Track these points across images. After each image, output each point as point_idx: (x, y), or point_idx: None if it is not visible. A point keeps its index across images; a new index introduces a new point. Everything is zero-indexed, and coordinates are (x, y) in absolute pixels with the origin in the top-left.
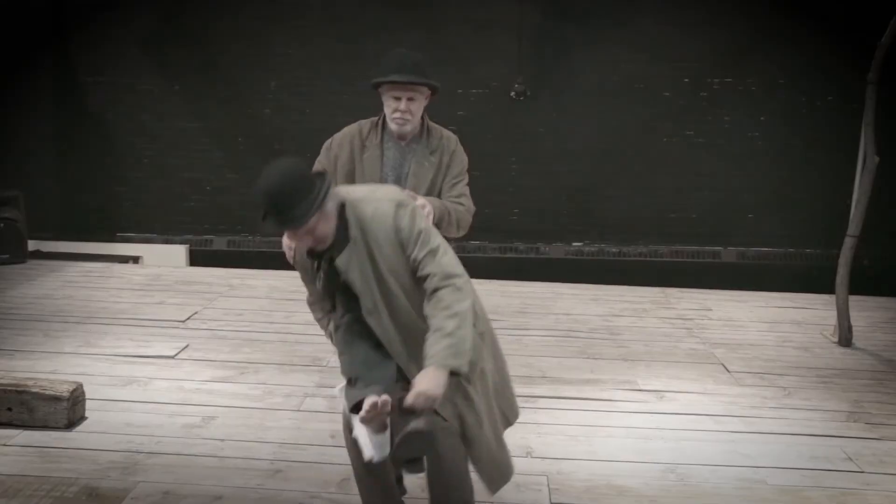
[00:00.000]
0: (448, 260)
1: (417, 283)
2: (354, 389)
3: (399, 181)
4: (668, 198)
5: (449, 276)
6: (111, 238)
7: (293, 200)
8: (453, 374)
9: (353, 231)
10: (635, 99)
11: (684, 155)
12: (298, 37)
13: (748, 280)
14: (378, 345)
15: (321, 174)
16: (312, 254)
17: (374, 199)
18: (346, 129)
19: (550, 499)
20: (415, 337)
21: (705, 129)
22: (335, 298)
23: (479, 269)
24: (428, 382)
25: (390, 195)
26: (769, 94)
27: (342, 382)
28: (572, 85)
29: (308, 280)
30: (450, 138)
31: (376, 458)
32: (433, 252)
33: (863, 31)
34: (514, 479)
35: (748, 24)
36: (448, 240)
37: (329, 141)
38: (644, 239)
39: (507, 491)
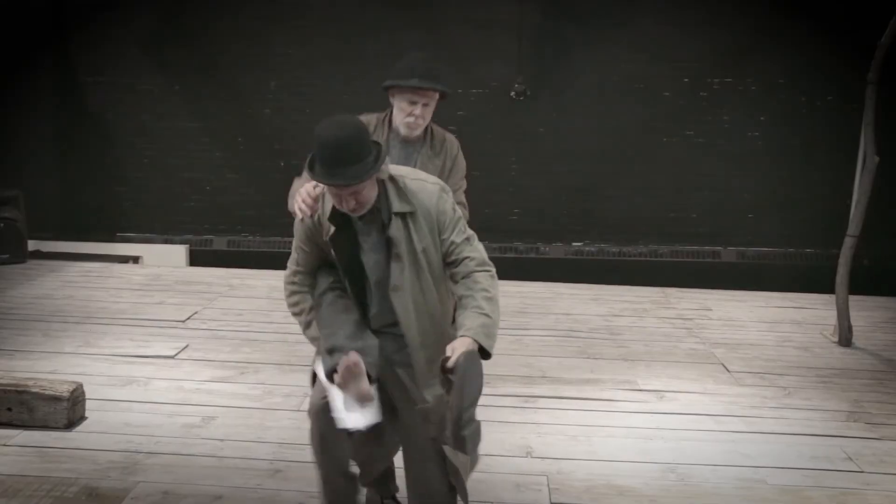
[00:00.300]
0: (483, 249)
1: (444, 269)
2: (330, 358)
3: None
4: (668, 198)
5: (486, 264)
6: (111, 238)
7: (356, 156)
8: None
9: (396, 205)
10: (635, 99)
11: (684, 155)
12: (298, 37)
13: (748, 280)
14: (360, 323)
15: (377, 142)
16: (336, 218)
17: (419, 178)
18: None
19: (550, 499)
20: (431, 323)
21: (705, 129)
22: (340, 270)
23: None
24: (465, 349)
25: (433, 179)
26: (769, 94)
27: (319, 363)
28: (572, 85)
29: (307, 247)
30: (452, 143)
31: (353, 426)
32: (469, 239)
33: (862, 31)
34: (514, 479)
35: (748, 24)
36: None
37: None
38: (644, 239)
39: (506, 490)
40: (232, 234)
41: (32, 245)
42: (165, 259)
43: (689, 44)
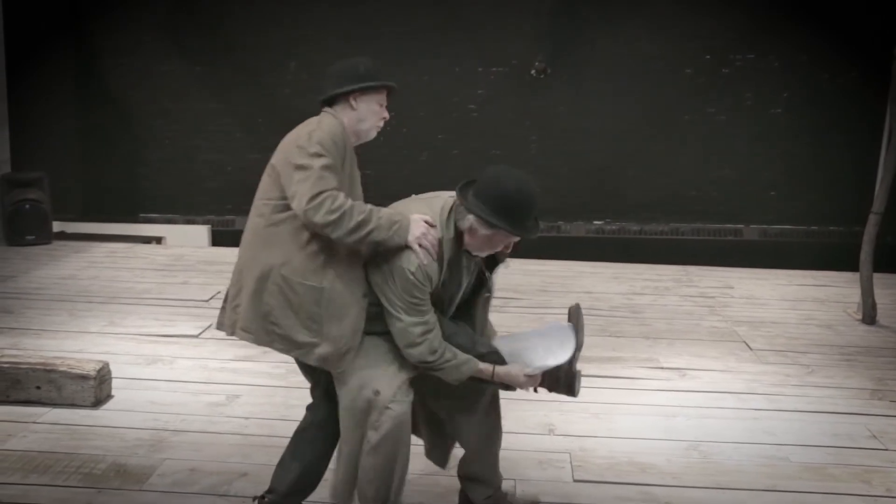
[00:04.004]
0: None
1: None
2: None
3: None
4: (689, 175)
5: None
6: (134, 219)
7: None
8: None
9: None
10: (656, 76)
11: (706, 132)
12: (317, 17)
13: (771, 258)
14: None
15: None
16: (456, 260)
17: None
18: (339, 132)
19: (573, 476)
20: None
21: (727, 106)
22: (446, 300)
23: None
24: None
25: None
26: (792, 70)
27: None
28: (593, 63)
29: (429, 288)
30: None
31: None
32: None
33: (888, 6)
34: (537, 456)
35: (770, 0)
36: None
37: (331, 140)
38: (665, 217)
39: (530, 468)
40: None
41: (57, 226)
42: (187, 239)
43: (710, 20)
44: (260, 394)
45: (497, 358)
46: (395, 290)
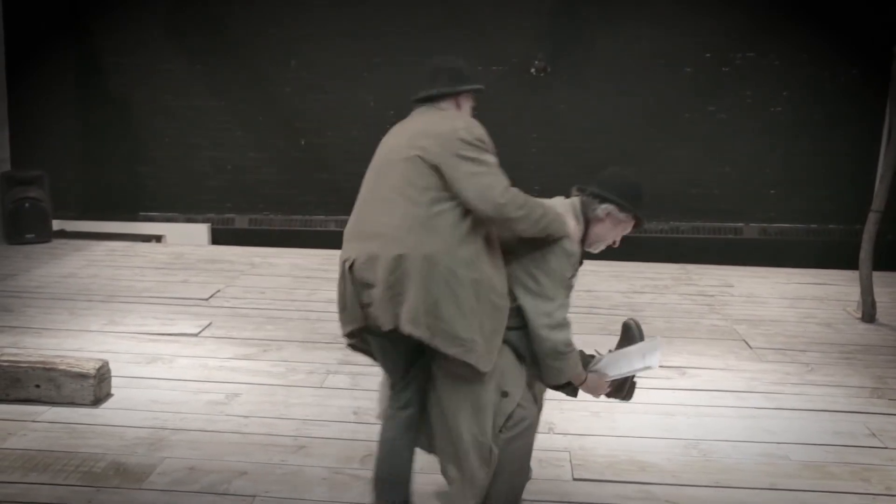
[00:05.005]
0: None
1: None
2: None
3: None
4: (689, 174)
5: None
6: (134, 217)
7: None
8: None
9: None
10: (656, 74)
11: (706, 130)
12: (318, 15)
13: (770, 256)
14: None
15: None
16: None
17: None
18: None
19: (573, 474)
20: None
21: (727, 104)
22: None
23: None
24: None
25: None
26: (792, 68)
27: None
28: (593, 61)
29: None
30: None
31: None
32: None
33: (888, 5)
34: (537, 454)
35: None
36: None
37: (486, 135)
38: (665, 215)
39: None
40: (253, 212)
41: (57, 225)
42: (187, 238)
43: (710, 19)
44: (259, 392)
45: (587, 364)
46: (551, 272)
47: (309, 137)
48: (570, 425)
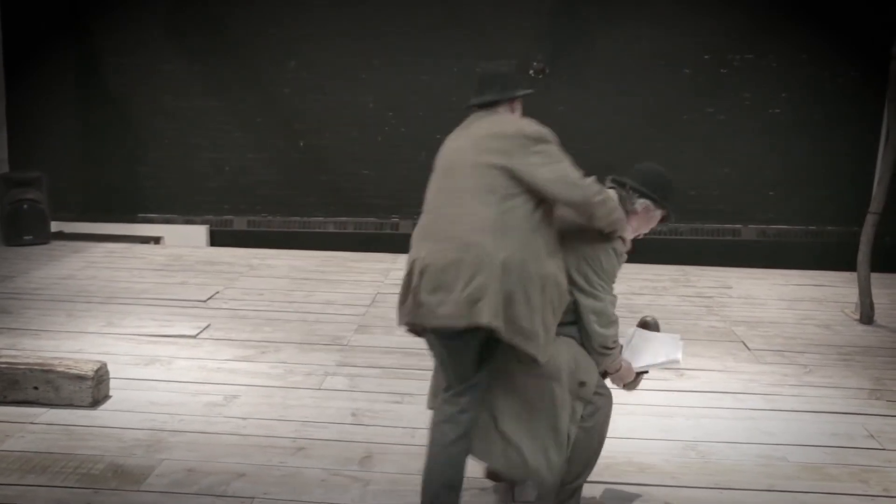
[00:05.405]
0: None
1: None
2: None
3: None
4: (688, 175)
5: None
6: (132, 219)
7: None
8: None
9: None
10: (656, 76)
11: (705, 132)
12: (317, 16)
13: (768, 258)
14: None
15: None
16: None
17: None
18: None
19: None
20: None
21: (726, 105)
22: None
23: None
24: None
25: None
26: (790, 70)
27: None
28: (592, 62)
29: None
30: None
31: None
32: None
33: (887, 5)
34: None
35: (769, 0)
36: None
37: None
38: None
39: None
40: (252, 214)
41: (55, 226)
42: (186, 239)
43: (709, 20)
44: (258, 394)
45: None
46: (602, 271)
47: (308, 138)
48: None
